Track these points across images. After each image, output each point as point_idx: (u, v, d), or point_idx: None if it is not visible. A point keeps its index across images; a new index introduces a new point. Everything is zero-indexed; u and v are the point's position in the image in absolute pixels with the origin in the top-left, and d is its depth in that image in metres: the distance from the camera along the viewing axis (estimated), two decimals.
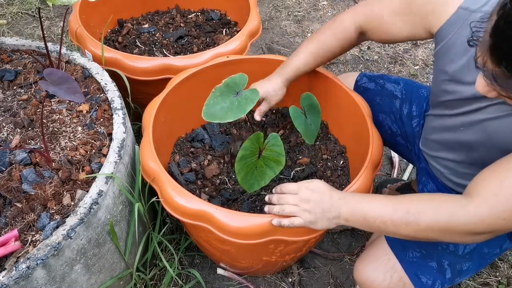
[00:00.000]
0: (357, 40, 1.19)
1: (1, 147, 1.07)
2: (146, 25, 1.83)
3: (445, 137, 1.08)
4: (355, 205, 0.90)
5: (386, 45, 2.44)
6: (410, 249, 1.06)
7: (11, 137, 1.10)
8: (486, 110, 0.92)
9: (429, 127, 1.16)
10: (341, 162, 1.38)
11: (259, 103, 1.27)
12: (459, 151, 1.04)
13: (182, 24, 1.85)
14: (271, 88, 1.22)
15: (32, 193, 0.98)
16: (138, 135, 1.53)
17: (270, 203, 1.01)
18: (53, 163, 1.04)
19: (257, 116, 1.27)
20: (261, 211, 1.23)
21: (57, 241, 0.87)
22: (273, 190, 1.02)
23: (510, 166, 0.81)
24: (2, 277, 0.81)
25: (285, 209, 0.94)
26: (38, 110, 1.17)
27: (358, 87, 1.39)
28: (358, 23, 1.14)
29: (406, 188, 1.60)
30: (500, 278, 1.48)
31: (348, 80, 1.42)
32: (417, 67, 2.31)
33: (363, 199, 0.91)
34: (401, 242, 1.02)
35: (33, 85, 1.25)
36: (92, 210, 0.94)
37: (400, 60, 2.35)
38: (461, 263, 1.06)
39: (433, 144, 1.14)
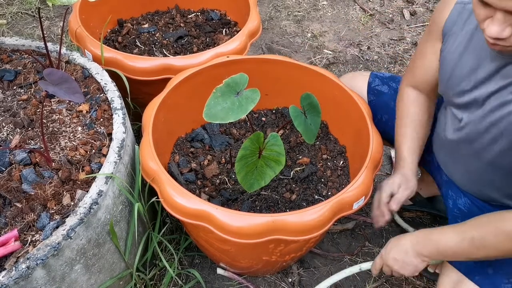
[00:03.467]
0: (427, 97, 1.17)
1: (1, 147, 1.07)
2: (146, 25, 1.83)
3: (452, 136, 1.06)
4: (428, 249, 0.98)
5: (386, 44, 2.44)
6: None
7: (11, 137, 1.10)
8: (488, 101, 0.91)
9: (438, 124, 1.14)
10: (341, 162, 1.38)
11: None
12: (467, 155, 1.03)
13: (182, 24, 1.85)
14: (397, 181, 1.12)
15: (32, 193, 0.98)
16: (138, 135, 1.53)
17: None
18: (53, 163, 1.04)
19: (394, 205, 1.11)
20: (261, 211, 1.23)
21: (57, 241, 0.87)
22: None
23: None
24: (2, 277, 0.81)
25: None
26: (38, 110, 1.17)
27: (372, 90, 1.32)
28: (410, 83, 1.17)
29: None
30: None
31: (358, 81, 1.35)
32: None
33: (433, 238, 0.97)
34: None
35: (33, 85, 1.25)
36: (92, 210, 0.94)
37: (400, 60, 2.34)
38: None
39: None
